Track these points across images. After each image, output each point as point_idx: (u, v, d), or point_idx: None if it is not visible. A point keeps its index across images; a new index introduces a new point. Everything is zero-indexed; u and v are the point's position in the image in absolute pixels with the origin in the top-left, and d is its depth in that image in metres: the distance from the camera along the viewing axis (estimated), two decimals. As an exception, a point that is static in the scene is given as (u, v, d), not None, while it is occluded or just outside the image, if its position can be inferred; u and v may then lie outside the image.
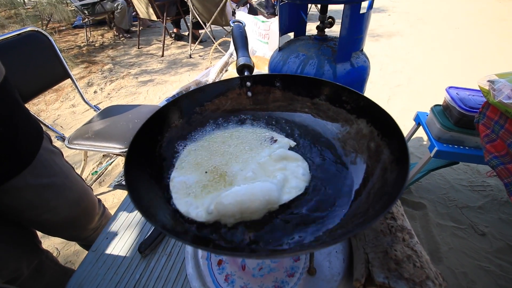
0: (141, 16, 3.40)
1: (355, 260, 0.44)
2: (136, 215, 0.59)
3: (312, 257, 0.43)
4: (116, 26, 3.97)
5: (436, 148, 1.10)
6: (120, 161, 1.77)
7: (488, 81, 0.81)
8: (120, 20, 3.82)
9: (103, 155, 1.83)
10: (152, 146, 0.38)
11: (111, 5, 3.65)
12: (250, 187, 0.35)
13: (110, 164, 1.74)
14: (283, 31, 0.72)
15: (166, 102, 0.44)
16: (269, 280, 0.44)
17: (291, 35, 0.79)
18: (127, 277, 0.48)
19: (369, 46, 3.61)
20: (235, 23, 0.59)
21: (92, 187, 1.59)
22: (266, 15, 4.55)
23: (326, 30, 0.73)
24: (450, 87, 1.15)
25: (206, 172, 0.39)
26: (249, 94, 0.49)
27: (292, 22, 0.73)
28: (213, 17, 2.86)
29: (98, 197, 1.52)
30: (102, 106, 1.50)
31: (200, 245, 0.31)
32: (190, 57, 3.35)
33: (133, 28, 4.39)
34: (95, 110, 1.45)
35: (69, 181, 0.68)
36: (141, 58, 3.41)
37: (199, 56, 3.39)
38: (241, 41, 0.54)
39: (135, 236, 0.54)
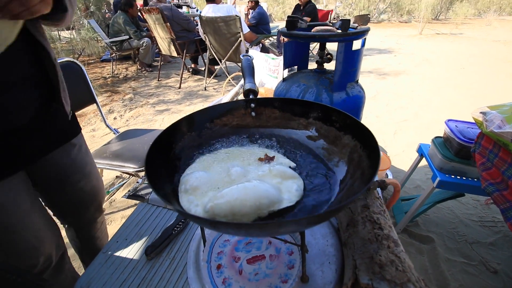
0: (163, 52, 3.73)
1: (345, 268, 0.46)
2: (145, 223, 0.64)
3: (304, 263, 0.46)
4: (139, 61, 4.34)
5: (438, 178, 1.12)
6: (132, 182, 1.85)
7: (481, 112, 0.86)
8: (144, 56, 4.19)
9: (116, 176, 1.91)
10: (167, 152, 0.44)
11: (137, 42, 4.04)
12: (244, 191, 0.40)
13: (122, 186, 1.82)
14: (287, 65, 0.81)
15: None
16: (264, 285, 0.47)
17: (295, 68, 0.88)
18: (132, 277, 0.51)
19: (375, 84, 3.76)
20: (245, 56, 0.69)
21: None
22: (277, 54, 4.87)
23: (326, 64, 0.82)
24: (449, 120, 1.20)
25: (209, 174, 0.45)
26: (253, 114, 0.56)
27: (295, 57, 0.83)
28: (228, 54, 3.12)
29: (107, 216, 1.57)
30: (120, 131, 1.62)
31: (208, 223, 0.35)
32: (205, 89, 3.57)
33: (155, 63, 4.77)
34: (114, 133, 1.57)
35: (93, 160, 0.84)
36: (160, 89, 3.66)
37: (213, 89, 3.62)
38: (248, 71, 0.63)
39: (142, 241, 0.59)
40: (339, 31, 0.67)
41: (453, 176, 1.12)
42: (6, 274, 0.40)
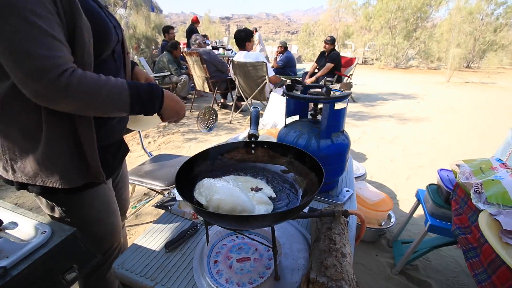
0: (198, 88, 4.22)
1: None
2: (167, 226, 0.84)
3: (276, 264, 0.63)
4: (177, 93, 4.89)
5: (429, 223, 1.21)
6: (156, 199, 2.09)
7: (457, 165, 1.00)
8: (181, 89, 4.73)
9: (143, 194, 2.18)
10: (189, 173, 0.66)
11: (177, 78, 4.61)
12: (230, 194, 0.58)
13: (147, 202, 2.07)
14: (288, 114, 1.04)
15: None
16: (246, 278, 0.64)
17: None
18: (153, 263, 0.70)
19: (395, 128, 3.85)
20: (254, 108, 0.93)
21: (129, 218, 1.89)
22: (302, 93, 5.19)
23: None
24: (441, 169, 1.31)
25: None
26: (253, 152, 0.77)
27: (296, 109, 1.05)
28: (253, 94, 3.47)
29: (133, 227, 1.80)
30: (153, 154, 1.91)
31: (205, 214, 0.55)
32: (231, 122, 3.91)
33: (189, 96, 5.32)
34: (148, 156, 1.86)
35: None
36: (191, 119, 4.08)
37: (238, 122, 3.95)
38: (254, 120, 0.85)
39: (163, 238, 0.78)
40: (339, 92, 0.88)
41: (443, 222, 1.20)
42: (79, 242, 0.61)
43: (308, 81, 4.93)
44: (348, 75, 5.13)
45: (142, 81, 0.93)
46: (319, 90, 0.94)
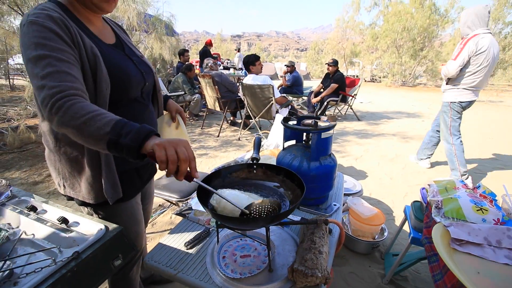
0: (209, 107, 4.51)
1: (293, 265, 0.81)
2: (185, 230, 1.04)
3: (269, 258, 0.82)
4: (189, 111, 5.21)
5: (411, 236, 1.37)
6: (170, 211, 2.30)
7: (428, 184, 1.17)
8: (194, 107, 5.05)
9: (159, 205, 2.40)
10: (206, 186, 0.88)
11: (190, 97, 4.94)
12: (232, 198, 0.79)
13: (162, 213, 2.28)
14: (286, 139, 1.25)
15: (214, 170, 0.95)
16: (246, 269, 0.83)
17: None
18: (175, 256, 0.91)
19: (396, 147, 4.00)
20: (257, 135, 1.15)
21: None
22: (308, 112, 5.43)
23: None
24: (423, 188, 1.48)
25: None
26: (254, 171, 0.98)
27: (292, 135, 1.27)
28: (261, 113, 3.72)
29: (149, 235, 2.00)
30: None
31: (217, 217, 0.75)
32: (239, 139, 4.15)
33: (201, 113, 5.64)
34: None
35: None
36: (202, 136, 4.34)
37: (246, 139, 4.19)
38: (257, 145, 1.07)
39: (183, 239, 0.99)
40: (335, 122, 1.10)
41: (424, 235, 1.36)
42: (124, 238, 0.83)
43: (314, 100, 5.17)
44: (352, 94, 5.35)
45: (173, 112, 1.15)
46: (310, 121, 1.16)
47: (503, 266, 0.78)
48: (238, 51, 11.96)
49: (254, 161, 0.98)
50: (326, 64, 5.11)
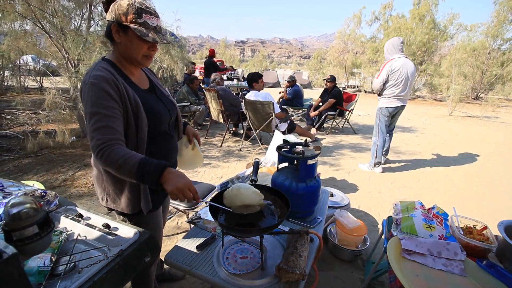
0: (213, 118, 4.80)
1: (280, 265, 1.07)
2: (196, 236, 1.30)
3: (262, 259, 1.08)
4: (194, 121, 5.50)
5: (385, 245, 1.62)
6: (177, 217, 2.55)
7: (395, 203, 1.43)
8: (198, 117, 5.34)
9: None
10: (217, 199, 1.14)
11: (196, 108, 5.23)
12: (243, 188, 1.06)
13: (169, 218, 2.54)
14: (279, 162, 1.51)
15: (220, 188, 1.20)
16: (244, 267, 1.09)
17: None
18: (189, 257, 1.16)
19: (387, 161, 4.25)
20: (256, 160, 1.41)
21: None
22: (307, 124, 5.70)
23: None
24: (396, 203, 1.73)
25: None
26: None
27: (285, 159, 1.53)
28: (261, 127, 3.99)
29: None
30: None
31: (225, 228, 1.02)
32: (241, 150, 4.42)
33: (205, 123, 5.92)
34: (174, 181, 2.35)
35: None
36: (205, 146, 4.62)
37: (247, 150, 4.45)
38: (255, 169, 1.34)
39: (195, 243, 1.24)
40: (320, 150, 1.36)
41: (395, 245, 1.60)
42: (153, 240, 1.08)
43: (312, 114, 5.45)
44: (349, 109, 5.63)
45: (190, 135, 1.42)
46: (299, 149, 1.42)
47: (439, 271, 1.03)
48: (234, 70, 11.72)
49: (253, 183, 1.24)
50: (324, 80, 5.41)
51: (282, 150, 1.45)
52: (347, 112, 5.64)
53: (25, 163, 3.67)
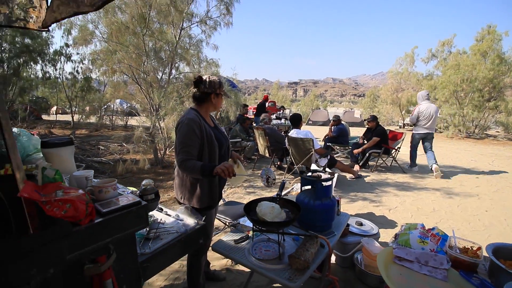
0: (260, 152, 5.38)
1: (292, 257, 1.43)
2: (235, 235, 1.74)
3: (279, 250, 1.45)
4: (244, 155, 6.18)
5: (400, 267, 1.79)
6: (223, 233, 3.02)
7: (402, 225, 1.66)
8: (248, 152, 6.01)
9: (215, 227, 3.15)
10: (248, 207, 1.60)
11: (246, 143, 5.94)
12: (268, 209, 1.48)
13: (216, 234, 3.02)
14: (302, 184, 1.91)
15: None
16: (267, 256, 1.48)
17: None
18: (229, 247, 1.60)
19: (436, 202, 4.07)
20: (283, 180, 1.85)
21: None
22: (351, 161, 5.83)
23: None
24: (403, 225, 1.89)
25: (258, 218, 1.56)
26: (277, 202, 1.67)
27: (308, 182, 1.92)
28: (302, 161, 4.38)
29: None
30: (225, 200, 2.92)
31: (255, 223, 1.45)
32: (283, 182, 4.82)
33: (253, 157, 6.55)
34: (222, 201, 2.88)
35: None
36: (252, 177, 5.15)
37: (289, 182, 4.82)
38: (281, 187, 1.77)
39: (233, 238, 1.69)
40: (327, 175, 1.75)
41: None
42: (206, 228, 1.57)
43: (355, 151, 5.61)
44: (395, 148, 5.61)
45: (235, 157, 2.00)
46: (317, 174, 1.81)
47: (422, 275, 1.25)
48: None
49: (278, 196, 1.68)
50: (365, 120, 5.62)
51: (304, 174, 1.86)
52: (394, 150, 5.62)
53: (113, 183, 4.72)
